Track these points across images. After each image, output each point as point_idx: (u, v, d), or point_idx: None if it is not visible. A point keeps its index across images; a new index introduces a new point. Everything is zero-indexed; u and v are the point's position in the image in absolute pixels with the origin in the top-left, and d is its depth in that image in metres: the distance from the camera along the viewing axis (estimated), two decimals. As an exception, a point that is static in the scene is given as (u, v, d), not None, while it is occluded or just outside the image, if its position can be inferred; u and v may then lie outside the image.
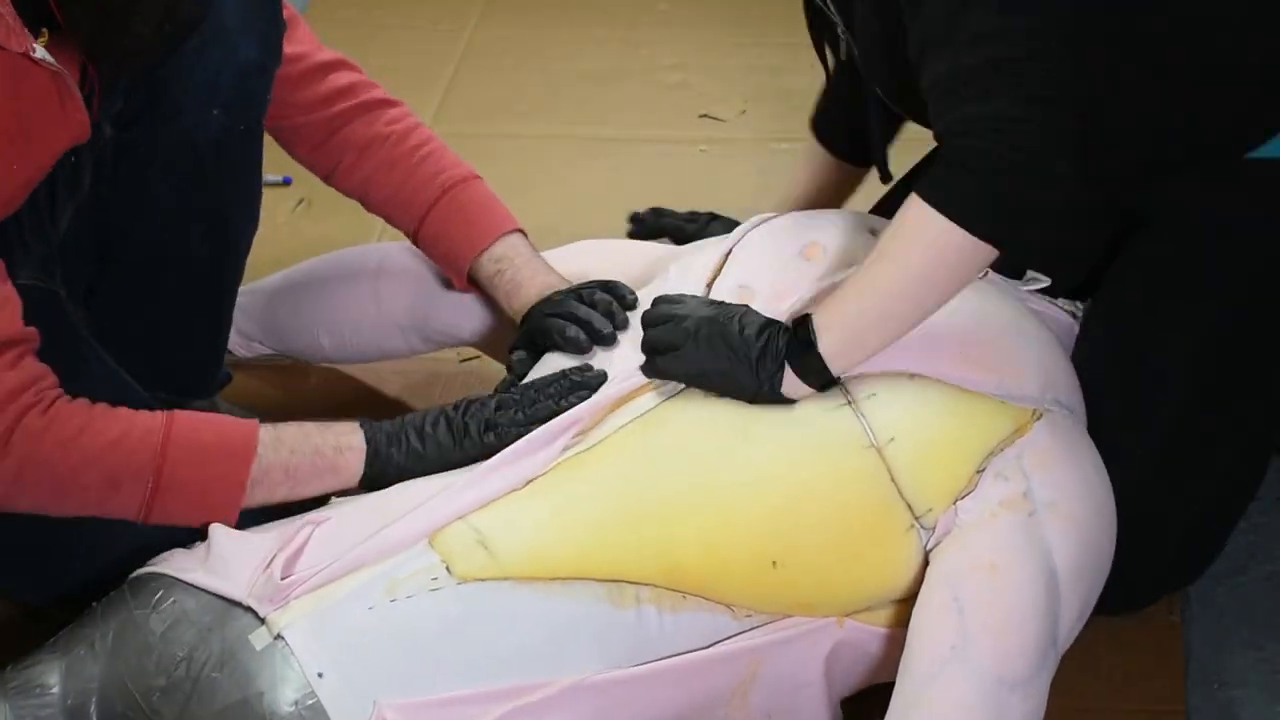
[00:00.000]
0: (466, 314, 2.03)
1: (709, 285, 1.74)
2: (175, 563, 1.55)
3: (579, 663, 1.50)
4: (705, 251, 1.81)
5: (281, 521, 1.60)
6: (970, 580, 1.55)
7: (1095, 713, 1.85)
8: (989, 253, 1.55)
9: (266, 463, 1.60)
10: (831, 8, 1.82)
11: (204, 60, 1.78)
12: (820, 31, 1.95)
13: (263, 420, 1.65)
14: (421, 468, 1.64)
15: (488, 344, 2.08)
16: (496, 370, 1.95)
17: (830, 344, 1.57)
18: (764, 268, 1.74)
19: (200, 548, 1.57)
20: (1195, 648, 1.93)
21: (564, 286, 1.84)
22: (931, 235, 1.54)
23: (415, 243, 1.97)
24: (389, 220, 1.98)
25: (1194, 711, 1.86)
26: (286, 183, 2.66)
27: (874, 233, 1.76)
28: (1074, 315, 1.85)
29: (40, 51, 1.54)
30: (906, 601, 1.60)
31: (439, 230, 1.92)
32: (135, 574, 1.56)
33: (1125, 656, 1.90)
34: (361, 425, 1.67)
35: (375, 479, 1.65)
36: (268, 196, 2.00)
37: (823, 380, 1.59)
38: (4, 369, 1.53)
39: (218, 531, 1.57)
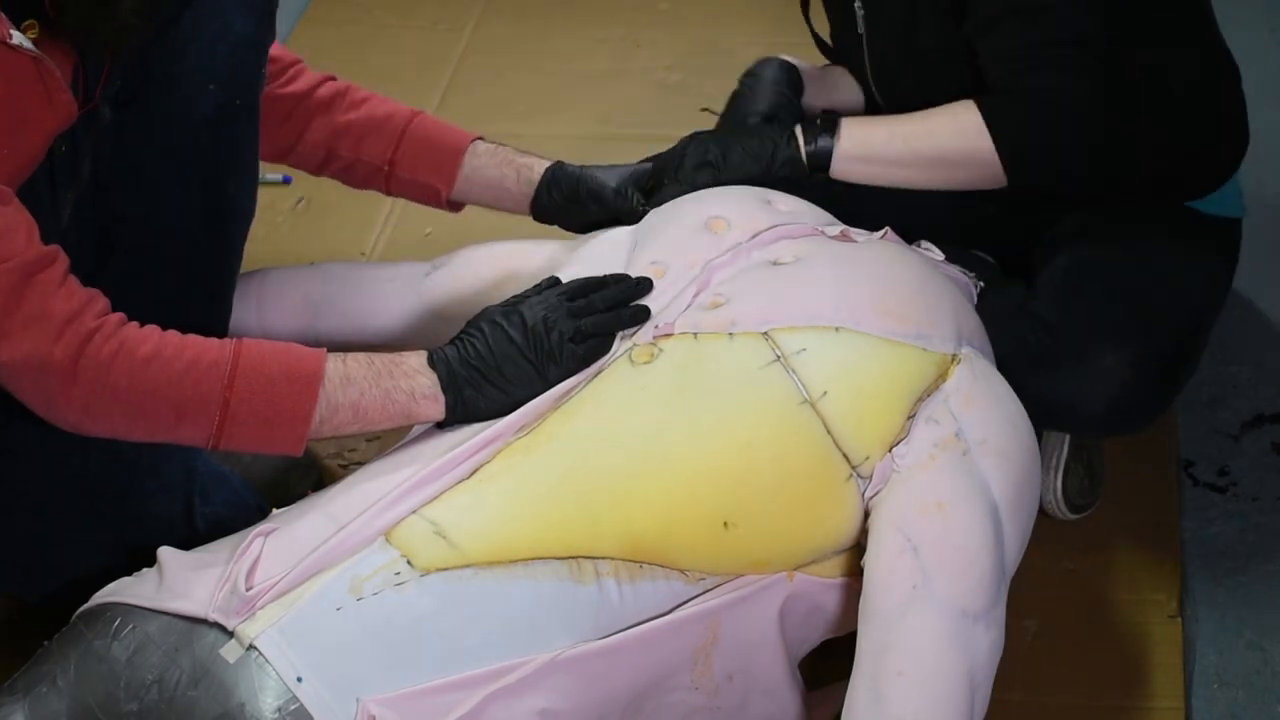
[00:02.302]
0: (357, 329, 2.07)
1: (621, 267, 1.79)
2: (127, 591, 1.56)
3: (549, 640, 1.52)
4: (603, 242, 1.85)
5: (228, 538, 1.61)
6: (920, 521, 1.59)
7: (1095, 712, 1.85)
8: (994, 177, 1.87)
9: (334, 402, 1.59)
10: None
11: (199, 36, 1.78)
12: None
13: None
14: (509, 401, 1.64)
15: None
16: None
17: (846, 142, 1.90)
18: (672, 243, 1.78)
19: (149, 573, 1.58)
20: (1195, 647, 1.94)
21: None
22: (972, 138, 1.86)
23: (390, 169, 2.00)
24: (358, 159, 2.01)
25: (1194, 711, 1.86)
26: (286, 182, 2.66)
27: (770, 203, 1.83)
28: (969, 278, 1.91)
29: (18, 38, 1.54)
30: (851, 551, 1.65)
31: (418, 145, 1.99)
32: (85, 607, 1.57)
33: (1125, 656, 1.91)
34: (432, 362, 1.64)
35: (456, 421, 1.65)
36: (267, 196, 1.99)
37: (817, 164, 1.90)
38: (50, 292, 1.53)
39: (167, 554, 1.59)
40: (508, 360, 1.65)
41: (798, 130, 1.92)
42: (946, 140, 1.88)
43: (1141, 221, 1.99)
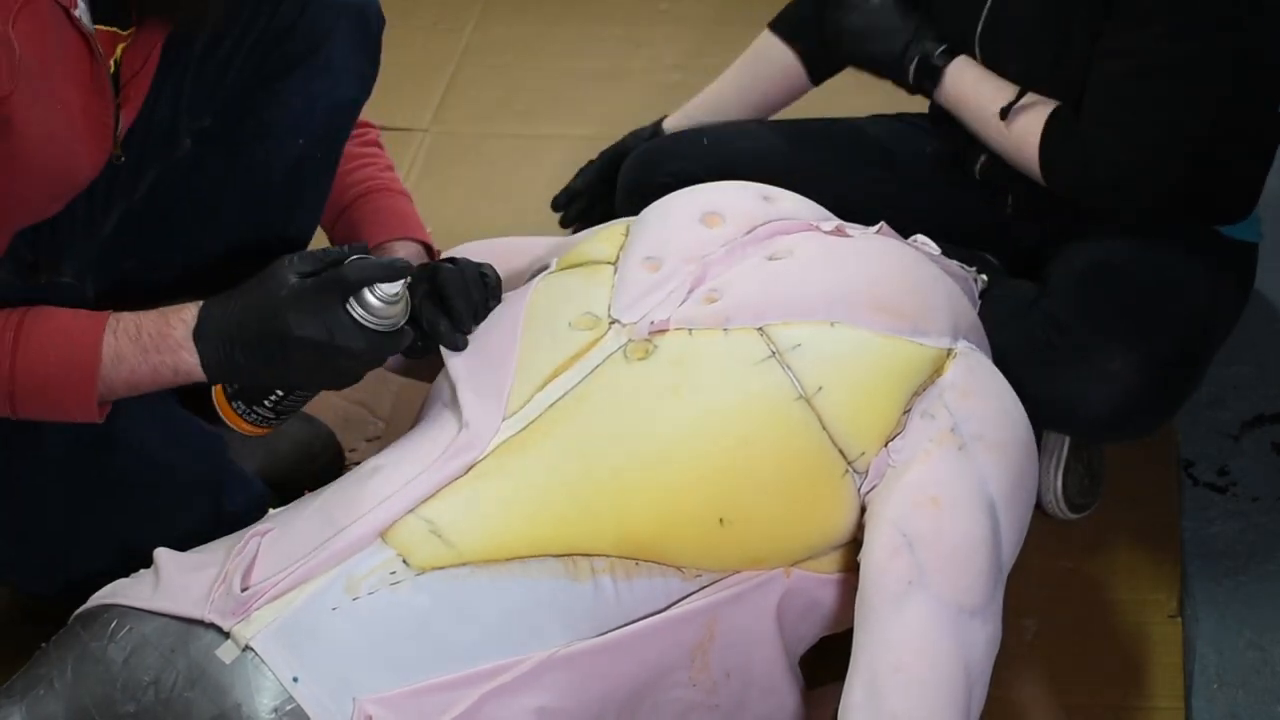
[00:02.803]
0: None
1: (614, 262, 1.77)
2: (123, 593, 1.56)
3: (546, 638, 1.52)
4: (597, 239, 1.83)
5: (225, 539, 1.61)
6: (915, 516, 1.59)
7: (1095, 712, 1.85)
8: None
9: (109, 380, 1.57)
10: None
11: (305, 91, 1.79)
12: None
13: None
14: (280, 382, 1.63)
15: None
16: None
17: (952, 75, 1.99)
18: (668, 238, 1.78)
19: (145, 575, 1.58)
20: (1195, 647, 1.93)
21: None
22: (1025, 146, 1.93)
23: (330, 235, 1.96)
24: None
25: (1194, 711, 1.86)
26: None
27: (766, 198, 1.83)
28: (969, 274, 1.91)
29: (80, 9, 1.54)
30: (847, 546, 1.65)
31: (352, 221, 1.94)
32: (82, 609, 1.57)
33: (1125, 656, 1.91)
34: (199, 332, 1.59)
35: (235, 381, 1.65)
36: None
37: (927, 79, 2.01)
38: None
39: (163, 555, 1.59)
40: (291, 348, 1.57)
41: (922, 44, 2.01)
42: (1004, 137, 1.95)
43: (1160, 232, 1.99)
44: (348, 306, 1.57)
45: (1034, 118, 1.93)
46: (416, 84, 2.90)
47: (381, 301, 1.58)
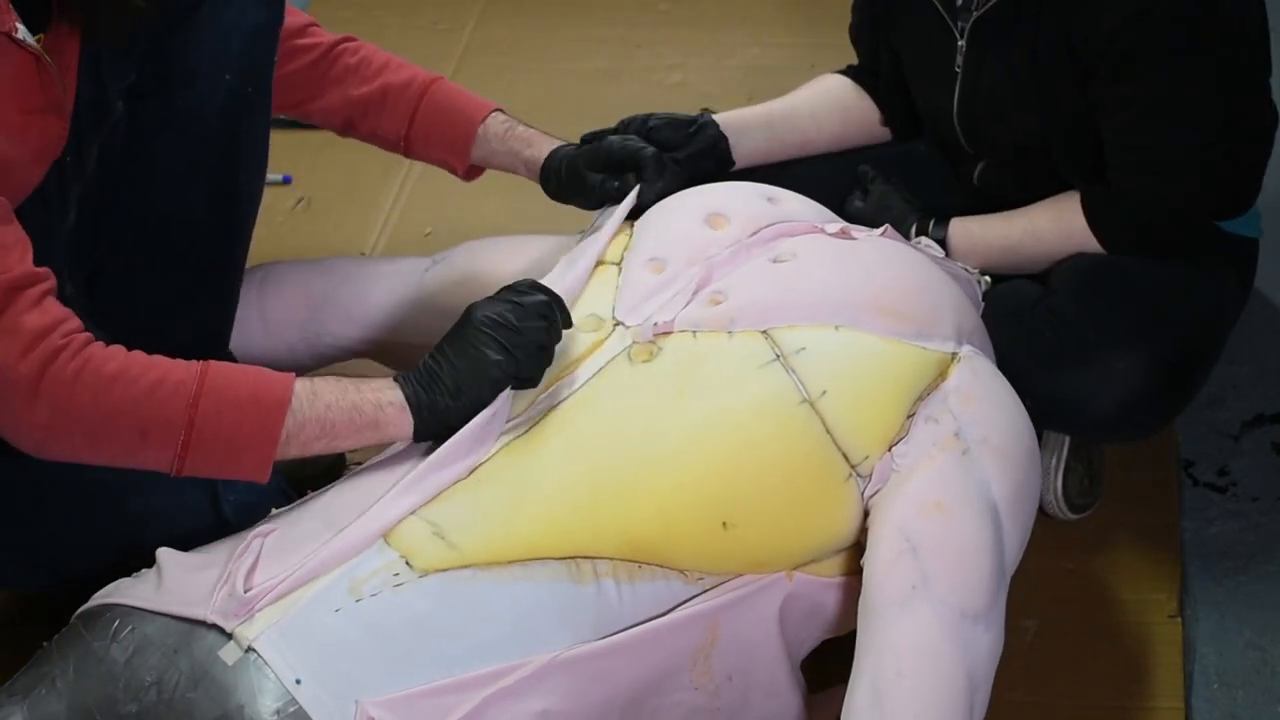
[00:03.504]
0: (357, 324, 2.07)
1: (618, 263, 1.78)
2: (126, 592, 1.56)
3: (548, 641, 1.52)
4: (601, 238, 1.83)
5: (227, 540, 1.61)
6: (919, 521, 1.59)
7: (1095, 712, 1.85)
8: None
9: (301, 418, 1.55)
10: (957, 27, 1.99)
11: (214, 25, 1.79)
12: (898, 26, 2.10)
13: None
14: (472, 409, 1.61)
15: (378, 352, 2.09)
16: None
17: (954, 238, 1.99)
18: (672, 240, 1.78)
19: (148, 574, 1.58)
20: (1196, 647, 1.94)
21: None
22: (1075, 238, 1.95)
23: (407, 143, 2.00)
24: (375, 133, 2.01)
25: (1194, 711, 1.86)
26: (286, 181, 2.66)
27: (770, 200, 1.82)
28: (972, 276, 1.92)
29: (22, 32, 1.54)
30: (850, 550, 1.65)
31: (433, 120, 1.98)
32: (85, 608, 1.57)
33: (1125, 656, 1.91)
34: (398, 380, 1.61)
35: (429, 432, 1.62)
36: (267, 196, 1.99)
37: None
38: (26, 309, 1.49)
39: (166, 555, 1.58)
40: (474, 363, 1.61)
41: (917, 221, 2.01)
42: (1052, 242, 1.97)
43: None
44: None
45: (1064, 208, 1.96)
46: (416, 84, 2.90)
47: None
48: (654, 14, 3.12)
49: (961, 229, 2.00)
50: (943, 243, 1.98)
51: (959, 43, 1.99)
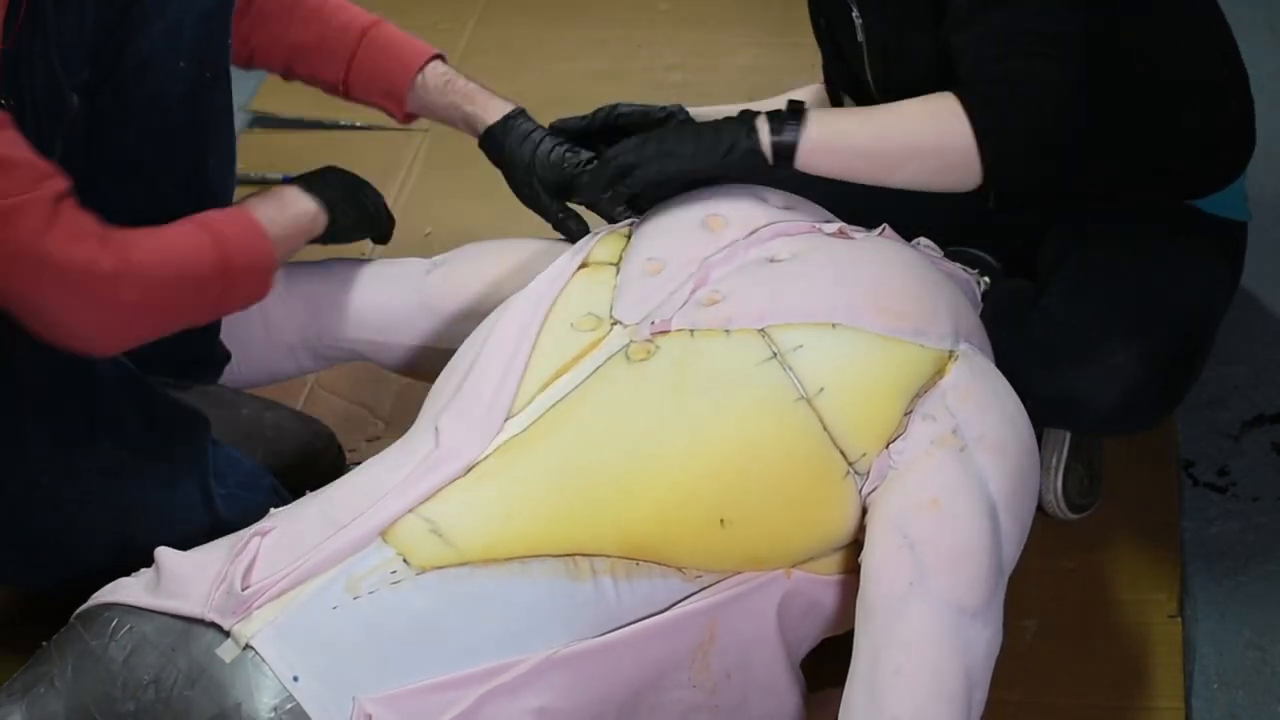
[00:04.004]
0: (357, 326, 2.06)
1: (616, 263, 1.78)
2: (124, 592, 1.56)
3: (546, 638, 1.52)
4: (600, 241, 1.83)
5: (226, 538, 1.61)
6: (916, 518, 1.59)
7: (1095, 712, 1.85)
8: (969, 176, 1.75)
9: (274, 237, 1.79)
10: None
11: (163, 14, 1.79)
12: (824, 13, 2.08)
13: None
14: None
15: (378, 354, 2.09)
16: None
17: (813, 130, 1.76)
18: (669, 240, 1.78)
19: (146, 574, 1.58)
20: (1196, 647, 1.93)
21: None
22: (947, 125, 1.73)
23: (346, 88, 2.03)
24: (314, 77, 2.04)
25: (1194, 711, 1.86)
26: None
27: (768, 201, 1.83)
28: (971, 276, 1.91)
29: None
30: (849, 548, 1.64)
31: (371, 66, 2.00)
32: (83, 608, 1.57)
33: (1125, 656, 1.91)
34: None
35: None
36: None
37: (781, 154, 1.76)
38: (81, 213, 1.59)
39: (164, 554, 1.58)
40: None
41: (760, 121, 1.78)
42: (920, 126, 1.76)
43: (1147, 221, 2.00)
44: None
45: (940, 102, 1.76)
46: (416, 84, 2.90)
47: None
48: (654, 14, 3.12)
49: (821, 120, 1.79)
50: (794, 145, 1.77)
51: (854, 15, 1.99)
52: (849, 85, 2.17)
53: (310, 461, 2.06)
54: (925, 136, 1.76)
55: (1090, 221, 2.01)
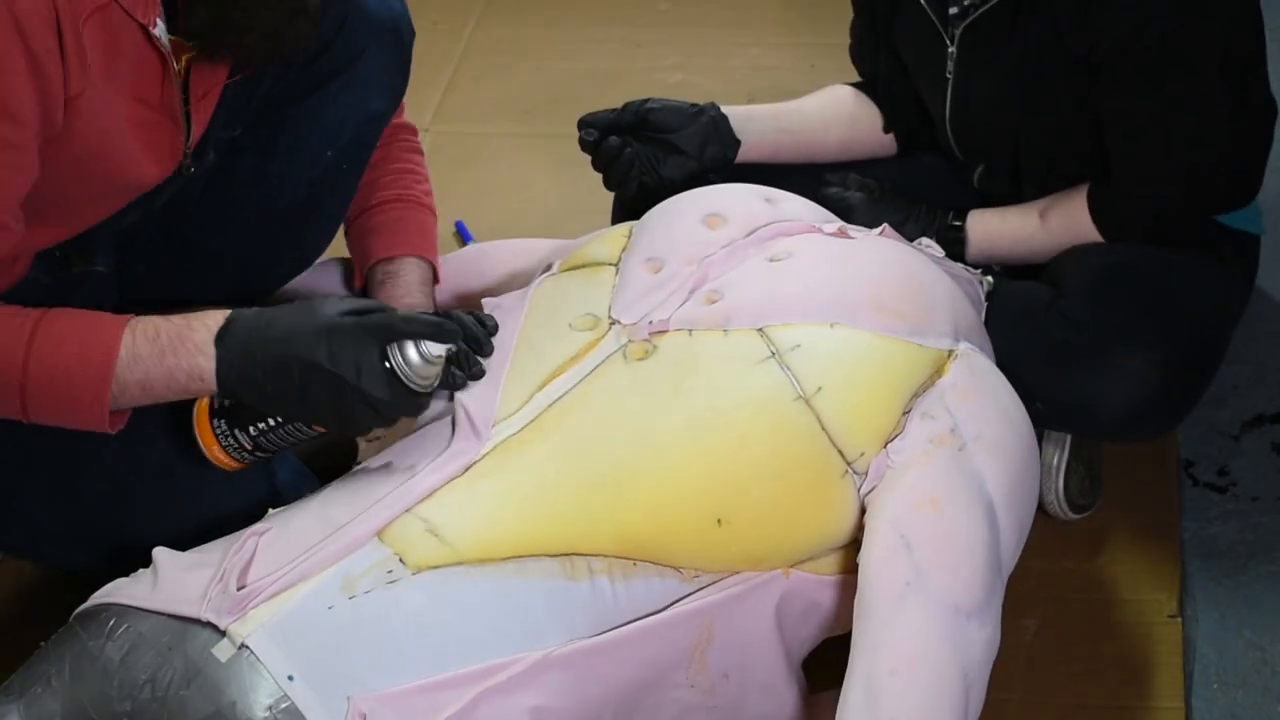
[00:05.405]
0: None
1: (615, 263, 1.78)
2: (121, 591, 1.56)
3: (542, 638, 1.52)
4: (599, 241, 1.83)
5: (223, 539, 1.61)
6: (914, 517, 1.58)
7: (1095, 712, 1.85)
8: None
9: (123, 381, 1.54)
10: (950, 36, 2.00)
11: (337, 105, 1.81)
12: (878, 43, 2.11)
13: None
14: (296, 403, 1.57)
15: None
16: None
17: (973, 239, 2.04)
18: (670, 240, 1.78)
19: (144, 574, 1.58)
20: (1196, 647, 1.93)
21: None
22: (1080, 234, 1.99)
23: (345, 231, 2.00)
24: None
25: (1194, 711, 1.86)
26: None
27: (769, 201, 1.83)
28: (974, 275, 1.92)
29: (160, 28, 1.55)
30: (847, 548, 1.64)
31: (364, 228, 1.97)
32: (82, 608, 1.57)
33: (1125, 656, 1.91)
34: (221, 337, 1.55)
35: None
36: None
37: (953, 250, 2.00)
38: None
39: (162, 555, 1.59)
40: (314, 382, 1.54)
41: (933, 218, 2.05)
42: (1060, 235, 2.00)
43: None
44: (388, 352, 1.54)
45: (1071, 205, 1.99)
46: (416, 84, 2.86)
47: (422, 360, 1.55)
48: (654, 14, 3.12)
49: (978, 219, 2.03)
50: (960, 233, 2.01)
51: (949, 49, 1.99)
52: (896, 105, 2.17)
53: (324, 452, 2.06)
54: (1066, 242, 2.01)
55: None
